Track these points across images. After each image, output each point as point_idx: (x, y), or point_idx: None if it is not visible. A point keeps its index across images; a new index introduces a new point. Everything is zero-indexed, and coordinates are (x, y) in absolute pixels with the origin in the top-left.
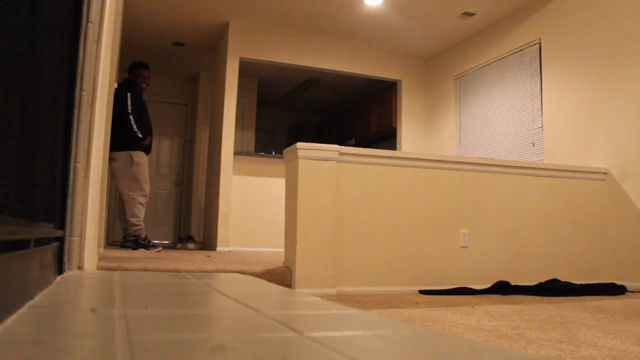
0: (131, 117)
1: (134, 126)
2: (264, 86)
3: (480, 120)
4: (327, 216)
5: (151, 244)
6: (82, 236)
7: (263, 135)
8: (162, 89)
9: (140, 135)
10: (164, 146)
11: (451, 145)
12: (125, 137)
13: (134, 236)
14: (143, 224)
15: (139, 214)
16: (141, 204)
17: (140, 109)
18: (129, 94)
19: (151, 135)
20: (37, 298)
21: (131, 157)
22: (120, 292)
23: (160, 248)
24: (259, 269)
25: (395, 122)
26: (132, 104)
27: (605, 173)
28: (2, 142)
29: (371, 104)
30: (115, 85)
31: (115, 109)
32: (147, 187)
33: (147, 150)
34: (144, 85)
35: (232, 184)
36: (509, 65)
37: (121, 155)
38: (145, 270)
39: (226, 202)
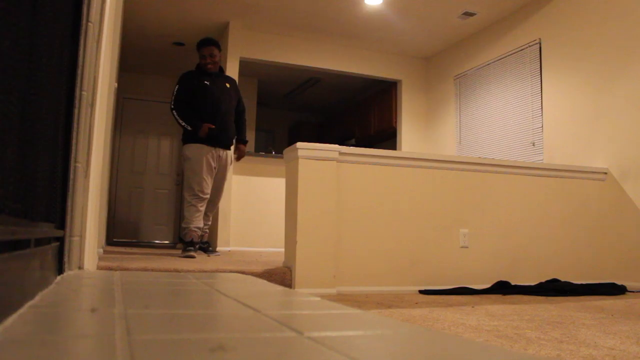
0: (174, 112)
1: (179, 120)
2: (264, 86)
3: (480, 120)
4: (327, 216)
5: (209, 249)
6: (82, 236)
7: (263, 135)
8: (162, 89)
9: (189, 128)
10: (164, 146)
11: (451, 145)
12: (183, 131)
13: (180, 238)
14: (192, 226)
15: (187, 215)
16: (191, 204)
17: (192, 97)
18: (176, 87)
19: (216, 122)
20: (37, 298)
21: (184, 151)
22: (120, 292)
23: (219, 254)
24: (259, 269)
25: (395, 122)
26: (176, 97)
27: (605, 173)
28: (2, 142)
29: (371, 104)
30: (115, 85)
31: None
32: (201, 183)
33: (208, 141)
34: (209, 66)
35: (232, 184)
36: (509, 65)
37: (182, 149)
38: (145, 270)
39: (226, 202)
